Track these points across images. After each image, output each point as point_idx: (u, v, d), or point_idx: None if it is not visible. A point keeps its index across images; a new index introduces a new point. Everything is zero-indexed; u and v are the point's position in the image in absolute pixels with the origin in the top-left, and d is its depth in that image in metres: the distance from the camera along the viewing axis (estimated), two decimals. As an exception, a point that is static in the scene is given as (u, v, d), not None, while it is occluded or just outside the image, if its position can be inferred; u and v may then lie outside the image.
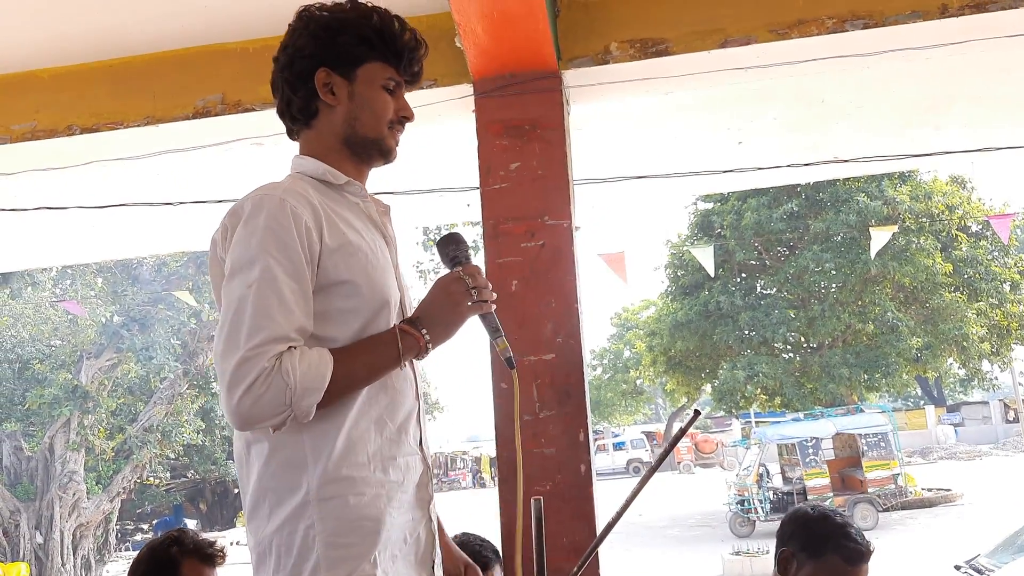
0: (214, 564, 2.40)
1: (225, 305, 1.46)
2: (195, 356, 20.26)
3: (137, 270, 18.55)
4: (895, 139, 4.17)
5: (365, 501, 1.50)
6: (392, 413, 1.59)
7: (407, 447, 1.60)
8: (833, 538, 2.22)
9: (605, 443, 39.40)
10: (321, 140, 1.68)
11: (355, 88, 1.66)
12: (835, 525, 2.25)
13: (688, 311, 21.64)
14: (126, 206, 4.18)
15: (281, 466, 1.50)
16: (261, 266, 1.45)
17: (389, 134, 1.69)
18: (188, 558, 2.36)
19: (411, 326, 1.57)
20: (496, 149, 3.09)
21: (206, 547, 2.41)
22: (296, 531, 1.47)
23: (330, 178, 1.64)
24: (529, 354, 3.16)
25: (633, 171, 3.96)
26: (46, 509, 18.28)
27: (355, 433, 1.52)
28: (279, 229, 1.48)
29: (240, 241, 1.49)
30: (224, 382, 1.42)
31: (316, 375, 1.44)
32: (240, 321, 1.43)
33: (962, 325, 19.58)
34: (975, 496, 20.11)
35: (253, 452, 1.53)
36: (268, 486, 1.50)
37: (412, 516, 1.60)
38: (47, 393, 18.15)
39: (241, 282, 1.45)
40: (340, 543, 1.47)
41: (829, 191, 20.34)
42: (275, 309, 1.44)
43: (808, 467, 17.95)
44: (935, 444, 36.29)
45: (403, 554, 1.57)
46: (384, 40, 1.67)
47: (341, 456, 1.50)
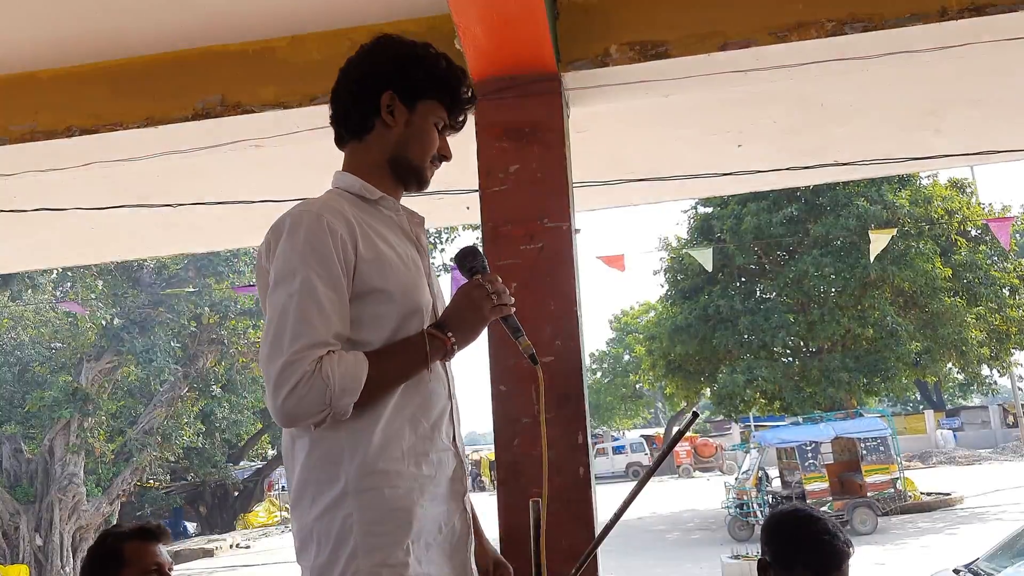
0: (157, 539, 2.40)
1: (269, 314, 1.62)
2: (195, 359, 20.26)
3: (137, 273, 18.54)
4: (894, 143, 4.17)
5: (400, 493, 1.63)
6: (426, 411, 1.72)
7: (440, 443, 1.73)
8: (803, 551, 2.13)
9: (604, 447, 39.37)
10: (368, 154, 1.82)
11: (413, 117, 1.81)
12: (806, 535, 2.15)
13: (687, 315, 21.62)
14: (126, 207, 4.18)
15: (321, 460, 1.63)
16: (301, 277, 1.59)
17: (430, 167, 1.85)
18: (128, 541, 2.36)
19: (438, 330, 1.71)
20: (495, 151, 3.09)
21: (144, 527, 2.43)
22: (335, 519, 1.60)
23: (366, 193, 1.78)
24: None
25: (632, 174, 3.96)
26: (46, 511, 18.26)
27: (390, 430, 1.65)
28: (316, 243, 1.62)
29: (282, 255, 1.63)
30: (270, 384, 1.56)
31: (352, 377, 1.58)
32: (283, 328, 1.57)
33: (961, 330, 19.55)
34: (974, 501, 20.09)
35: (297, 446, 1.67)
36: (310, 478, 1.64)
37: (447, 507, 1.73)
38: (47, 396, 18.14)
39: (283, 292, 1.60)
40: (376, 531, 1.60)
41: (828, 195, 20.33)
42: (314, 316, 1.58)
43: (807, 471, 17.92)
44: (934, 448, 36.25)
45: (437, 543, 1.69)
46: (448, 85, 1.84)
47: (377, 451, 1.63)
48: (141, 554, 2.36)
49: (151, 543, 2.39)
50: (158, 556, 2.39)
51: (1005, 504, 18.79)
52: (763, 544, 2.26)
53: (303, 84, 3.26)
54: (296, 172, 4.11)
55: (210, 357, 20.67)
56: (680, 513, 22.81)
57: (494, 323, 1.80)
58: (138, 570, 2.34)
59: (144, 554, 2.36)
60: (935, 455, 34.64)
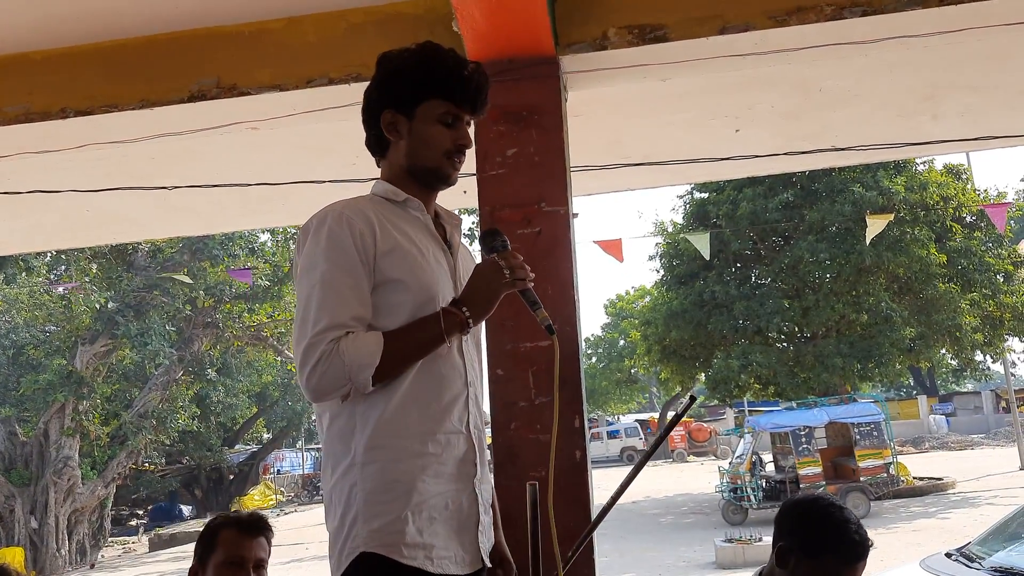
0: (251, 532, 2.42)
1: (297, 303, 1.79)
2: (190, 343, 20.23)
3: (132, 256, 18.47)
4: (892, 128, 4.16)
5: (401, 468, 1.76)
6: (437, 395, 1.84)
7: (450, 426, 1.84)
8: (831, 539, 2.18)
9: (599, 431, 39.46)
10: (392, 169, 1.96)
11: (413, 125, 1.92)
12: (834, 524, 2.20)
13: (683, 300, 21.65)
14: (120, 190, 4.16)
15: (338, 433, 1.80)
16: (322, 268, 1.77)
17: (447, 162, 1.93)
18: (225, 528, 2.42)
19: (452, 306, 1.83)
20: (493, 135, 3.07)
21: (243, 516, 2.47)
22: (344, 488, 1.77)
23: (392, 196, 1.92)
24: (525, 341, 3.15)
25: (630, 158, 3.95)
26: (41, 494, 18.28)
27: (398, 410, 1.78)
28: (336, 238, 1.78)
29: (307, 250, 1.81)
30: (298, 365, 1.74)
31: (367, 353, 1.73)
32: (307, 314, 1.75)
33: (955, 316, 19.61)
34: (966, 486, 20.22)
35: (323, 421, 1.85)
36: (330, 450, 1.82)
37: (454, 487, 1.83)
38: (42, 379, 18.13)
39: (307, 282, 1.78)
40: (375, 500, 1.74)
41: (824, 181, 20.33)
42: (333, 302, 1.74)
43: (801, 456, 18.00)
44: (927, 434, 36.44)
45: (443, 519, 1.80)
46: (437, 79, 1.90)
47: (383, 428, 1.77)
48: (231, 543, 2.38)
49: (245, 534, 2.40)
50: (244, 550, 2.38)
51: (997, 489, 18.93)
52: (785, 532, 2.27)
53: (299, 66, 3.23)
54: (292, 154, 4.09)
55: (205, 341, 20.64)
56: (674, 497, 22.92)
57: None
58: (225, 559, 2.37)
59: (234, 544, 2.38)
60: (928, 440, 34.82)
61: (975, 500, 17.97)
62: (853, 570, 2.18)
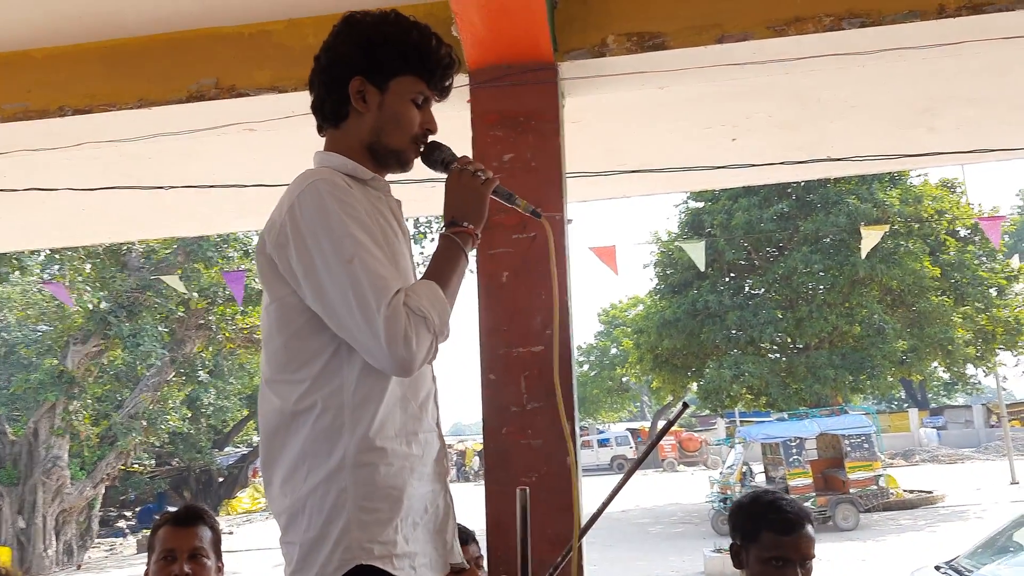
0: (183, 526, 2.40)
1: (337, 290, 1.60)
2: (182, 344, 20.17)
3: (126, 257, 18.42)
4: (888, 140, 4.18)
5: (393, 471, 1.65)
6: (415, 392, 1.74)
7: (426, 424, 1.76)
8: (761, 516, 2.22)
9: (590, 439, 39.44)
10: (346, 141, 1.79)
11: (385, 99, 1.77)
12: (762, 504, 2.26)
13: (676, 309, 21.69)
14: (117, 189, 4.15)
15: (323, 433, 1.63)
16: (349, 240, 1.60)
17: (412, 146, 1.80)
18: (163, 527, 2.41)
19: (453, 225, 1.76)
20: (490, 140, 3.08)
21: (180, 511, 2.45)
22: (329, 493, 1.60)
23: (358, 173, 1.76)
24: (518, 346, 3.15)
25: (626, 165, 3.96)
26: (29, 494, 18.17)
27: (385, 410, 1.66)
28: (345, 205, 1.63)
29: (316, 227, 1.61)
30: (381, 345, 1.57)
31: (437, 298, 1.65)
32: (363, 294, 1.58)
33: (948, 329, 19.70)
34: (956, 499, 20.25)
35: (299, 420, 1.65)
36: (308, 450, 1.63)
37: (432, 488, 1.75)
38: (32, 378, 18.04)
39: (339, 261, 1.59)
40: (369, 507, 1.61)
41: (819, 192, 20.41)
42: (380, 267, 1.60)
43: (791, 467, 18.02)
44: (917, 447, 36.49)
45: (423, 523, 1.72)
46: (420, 56, 1.78)
47: (377, 428, 1.64)
48: (164, 539, 2.37)
49: (178, 527, 2.38)
50: (175, 541, 2.35)
51: (986, 503, 18.96)
52: (731, 532, 2.34)
53: (299, 68, 3.22)
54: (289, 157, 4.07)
55: (197, 342, 20.58)
56: (664, 506, 22.90)
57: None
58: (158, 555, 2.35)
59: (166, 539, 2.36)
60: (918, 453, 34.87)
61: (965, 514, 18.00)
62: (792, 541, 2.18)
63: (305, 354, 1.68)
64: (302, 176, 1.69)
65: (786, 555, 2.18)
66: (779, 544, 2.18)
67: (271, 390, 1.72)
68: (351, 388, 1.65)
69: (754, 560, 2.22)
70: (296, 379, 1.67)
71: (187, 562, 2.30)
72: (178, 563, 2.30)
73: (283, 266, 1.67)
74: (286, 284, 1.69)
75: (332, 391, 1.65)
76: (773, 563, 2.18)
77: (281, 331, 1.72)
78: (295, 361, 1.68)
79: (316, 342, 1.67)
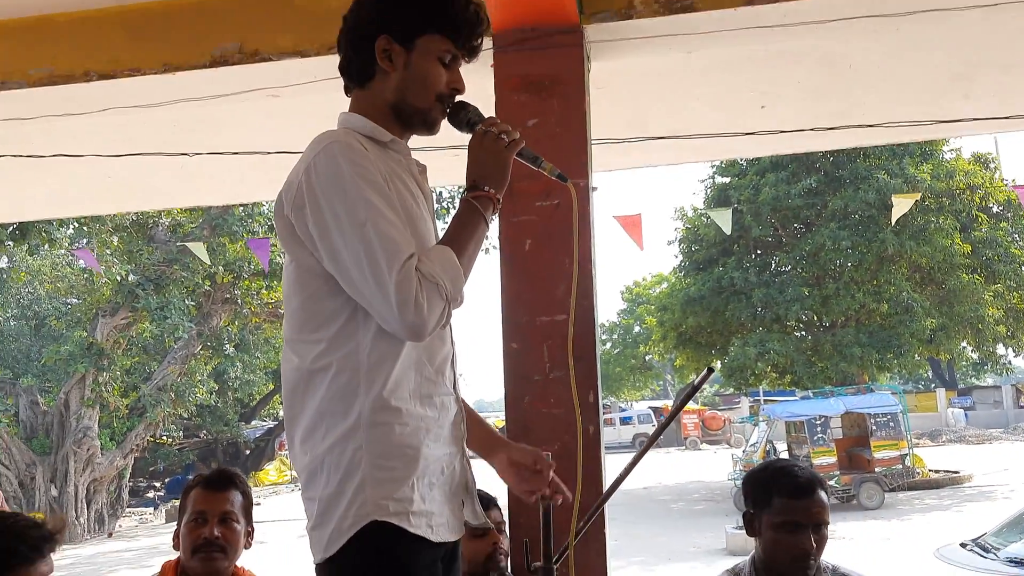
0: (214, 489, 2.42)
1: (350, 253, 1.61)
2: (209, 318, 20.38)
3: (152, 231, 18.59)
4: (921, 107, 4.08)
5: (408, 431, 1.67)
6: (431, 356, 1.74)
7: (443, 388, 1.77)
8: (773, 482, 2.23)
9: (612, 417, 39.38)
10: (371, 102, 1.79)
11: (411, 58, 1.76)
12: (773, 470, 2.28)
13: (701, 287, 21.55)
14: (142, 155, 4.17)
15: (339, 393, 1.65)
16: (363, 204, 1.60)
17: (437, 107, 1.79)
18: (194, 489, 2.43)
19: (474, 189, 1.76)
20: (513, 105, 3.04)
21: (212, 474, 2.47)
22: (345, 451, 1.64)
23: (376, 135, 1.75)
24: (541, 314, 3.13)
25: (652, 133, 3.90)
26: (61, 463, 18.54)
27: (400, 371, 1.68)
28: (359, 168, 1.63)
29: (330, 190, 1.62)
30: (392, 309, 1.58)
31: (451, 265, 1.66)
32: (375, 258, 1.58)
33: (978, 307, 19.41)
34: (983, 479, 20.06)
35: (316, 380, 1.68)
36: (326, 410, 1.66)
37: (449, 451, 1.77)
38: (63, 350, 18.32)
39: (352, 225, 1.60)
40: (385, 465, 1.64)
41: (849, 168, 20.12)
42: (393, 232, 1.60)
43: (816, 445, 17.93)
44: (944, 427, 36.18)
45: (439, 483, 1.73)
46: (446, 14, 1.77)
47: (391, 389, 1.66)
48: (196, 501, 2.39)
49: (209, 490, 2.40)
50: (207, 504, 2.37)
51: (1014, 483, 18.76)
52: (744, 502, 2.35)
53: (322, 32, 3.20)
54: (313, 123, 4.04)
55: (224, 316, 20.78)
56: (686, 484, 22.91)
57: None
58: (189, 517, 2.37)
59: (198, 501, 2.39)
60: (945, 433, 34.58)
61: (992, 493, 17.84)
62: (805, 505, 2.18)
63: (321, 316, 1.69)
64: (319, 137, 1.69)
65: (798, 519, 2.17)
66: (791, 508, 2.17)
67: (291, 349, 1.74)
68: (366, 350, 1.66)
69: (767, 526, 2.21)
70: (313, 339, 1.69)
71: (217, 525, 2.32)
72: (208, 525, 2.32)
73: (300, 228, 1.68)
74: (304, 246, 1.70)
75: (348, 352, 1.66)
76: (785, 528, 2.17)
77: (299, 292, 1.73)
78: (312, 322, 1.70)
79: (333, 304, 1.69)
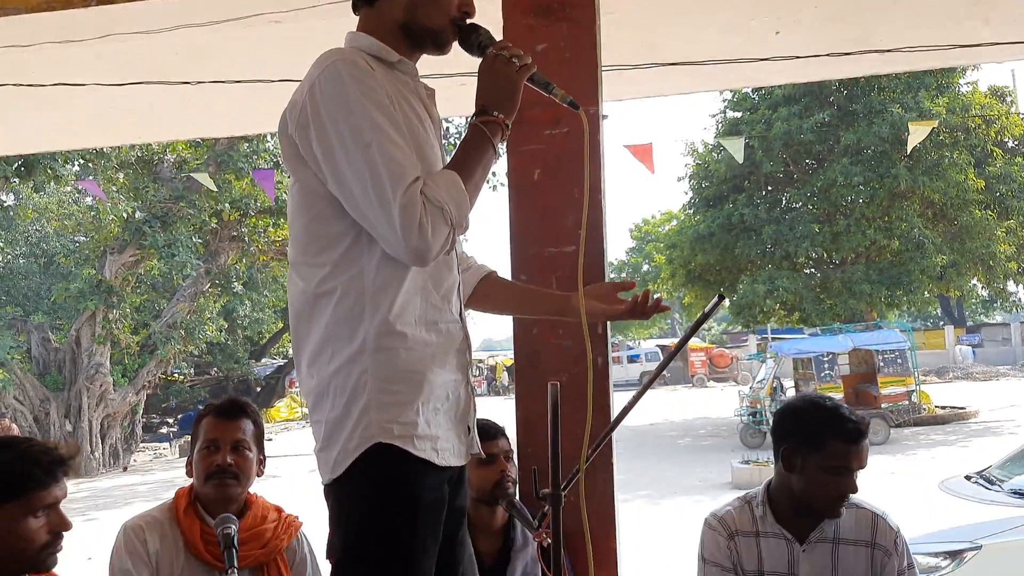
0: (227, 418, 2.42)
1: (354, 175, 1.59)
2: (217, 255, 20.40)
3: (158, 167, 18.50)
4: (940, 32, 3.97)
5: (414, 356, 1.68)
6: (437, 283, 1.75)
7: (448, 315, 1.77)
8: (830, 424, 2.24)
9: (620, 355, 39.58)
10: (380, 20, 1.76)
11: None
12: (827, 411, 2.28)
13: (710, 224, 21.39)
14: (144, 84, 4.11)
15: (344, 316, 1.66)
16: (367, 122, 1.58)
17: (449, 27, 1.77)
18: (206, 417, 2.43)
19: (483, 114, 1.73)
20: (521, 29, 2.97)
21: (224, 403, 2.46)
22: (351, 374, 1.65)
23: (384, 55, 1.73)
24: (549, 246, 3.11)
25: (665, 59, 3.81)
26: (74, 399, 18.80)
27: (405, 296, 1.68)
28: (364, 87, 1.60)
29: (335, 109, 1.59)
30: (395, 232, 1.57)
31: (457, 189, 1.64)
32: (379, 179, 1.57)
33: (990, 243, 19.23)
34: (989, 415, 20.18)
35: (321, 304, 1.68)
36: (331, 334, 1.67)
37: (454, 377, 1.78)
38: (72, 287, 18.42)
39: (357, 146, 1.58)
40: (390, 389, 1.65)
41: (863, 101, 19.76)
42: (399, 154, 1.59)
43: (823, 381, 18.04)
44: (952, 364, 36.28)
45: (444, 409, 1.74)
46: None
47: (396, 314, 1.66)
48: (208, 428, 2.40)
49: (221, 418, 2.41)
50: (219, 432, 2.38)
51: (1020, 419, 18.86)
52: (784, 435, 2.33)
53: (324, -47, 3.12)
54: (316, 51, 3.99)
55: (231, 254, 20.81)
56: (692, 420, 23.12)
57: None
58: (202, 444, 2.39)
59: (210, 429, 2.39)
60: (952, 370, 34.69)
61: (997, 429, 17.94)
62: (858, 451, 2.23)
63: (325, 239, 1.68)
64: (324, 55, 1.66)
65: (849, 464, 2.22)
66: (846, 453, 2.22)
67: (296, 272, 1.74)
68: (371, 274, 1.66)
69: (814, 467, 2.24)
70: (317, 263, 1.69)
71: (230, 453, 2.34)
72: (221, 453, 2.34)
73: (304, 148, 1.66)
74: (308, 167, 1.68)
75: (352, 276, 1.66)
76: (836, 471, 2.22)
77: (303, 214, 1.72)
78: (316, 244, 1.69)
79: (337, 227, 1.68)
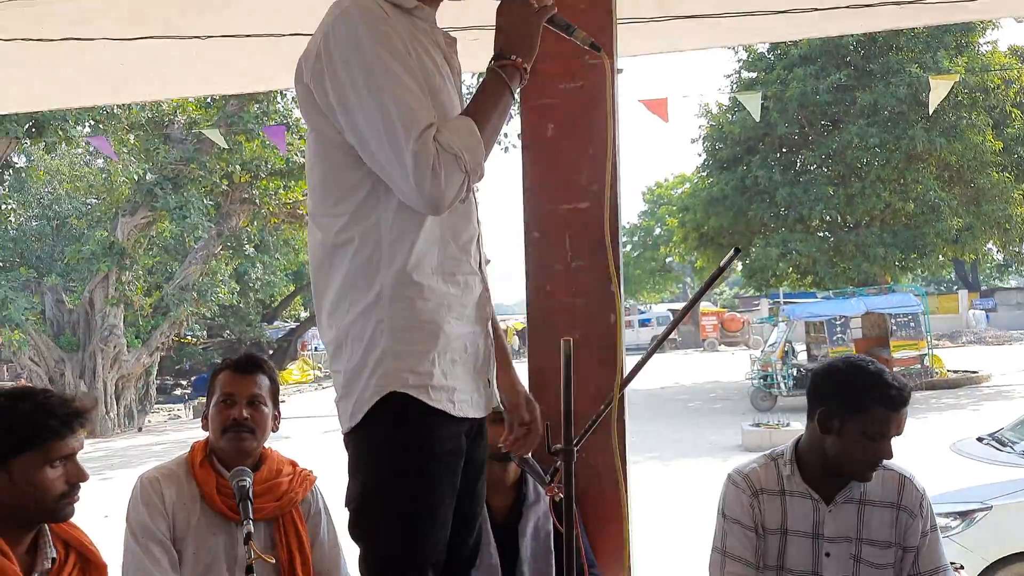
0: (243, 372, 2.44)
1: (368, 122, 1.58)
2: (228, 218, 20.43)
3: (168, 129, 18.46)
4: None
5: (430, 307, 1.68)
6: (455, 234, 1.74)
7: (467, 267, 1.76)
8: (874, 389, 2.20)
9: (631, 319, 39.61)
10: None
11: None
12: (871, 376, 2.23)
13: (724, 186, 21.23)
14: (153, 39, 4.06)
15: (362, 266, 1.66)
16: (380, 69, 1.57)
17: None
18: (222, 372, 2.46)
19: (501, 58, 1.71)
20: (535, -22, 2.89)
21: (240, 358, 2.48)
22: (368, 324, 1.66)
23: (401, 1, 1.69)
24: (562, 203, 3.09)
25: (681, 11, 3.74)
26: (88, 360, 18.97)
27: (422, 247, 1.67)
28: (378, 33, 1.58)
29: (348, 56, 1.58)
30: (409, 180, 1.56)
31: (471, 136, 1.61)
32: (392, 125, 1.55)
33: (1007, 206, 19.04)
34: (1001, 379, 20.11)
35: (339, 254, 1.69)
36: (349, 283, 1.68)
37: (472, 329, 1.78)
38: (85, 249, 18.50)
39: (370, 92, 1.57)
40: (405, 339, 1.65)
41: (880, 61, 19.45)
42: (412, 100, 1.57)
43: (835, 345, 18.02)
44: (965, 328, 36.12)
45: (463, 361, 1.74)
46: None
47: (413, 264, 1.66)
48: (225, 383, 2.42)
49: (238, 373, 2.43)
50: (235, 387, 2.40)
51: (1033, 383, 18.80)
52: (824, 397, 2.29)
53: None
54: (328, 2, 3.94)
55: (243, 217, 20.82)
56: (703, 384, 23.16)
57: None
58: (218, 398, 2.41)
59: (227, 384, 2.42)
60: (965, 335, 34.56)
61: (1009, 393, 17.90)
62: (899, 418, 2.21)
63: (343, 188, 1.67)
64: (339, 1, 1.63)
65: (888, 431, 2.20)
66: (887, 420, 2.19)
67: (315, 223, 1.74)
68: (388, 224, 1.65)
69: (854, 431, 2.21)
70: (335, 213, 1.68)
71: (246, 407, 2.37)
72: (237, 407, 2.36)
73: (320, 96, 1.64)
74: (324, 115, 1.66)
75: (369, 226, 1.66)
76: (876, 437, 2.20)
77: (320, 164, 1.71)
78: (333, 194, 1.69)
79: (354, 176, 1.66)
